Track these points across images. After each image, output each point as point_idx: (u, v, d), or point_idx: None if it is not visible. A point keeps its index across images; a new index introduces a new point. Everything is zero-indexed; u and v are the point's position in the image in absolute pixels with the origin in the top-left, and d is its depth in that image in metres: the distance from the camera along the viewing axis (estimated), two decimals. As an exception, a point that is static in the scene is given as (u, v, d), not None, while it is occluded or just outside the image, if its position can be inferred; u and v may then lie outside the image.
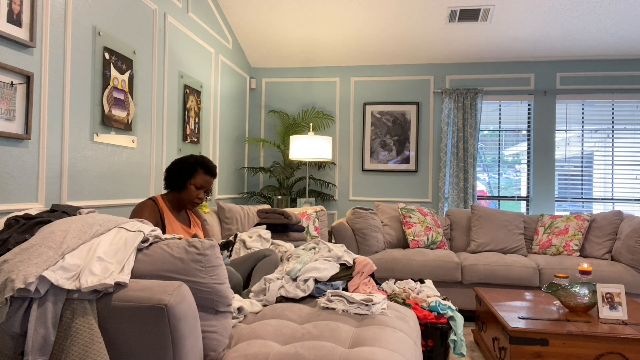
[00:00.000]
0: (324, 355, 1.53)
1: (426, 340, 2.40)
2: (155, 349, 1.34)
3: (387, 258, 3.94)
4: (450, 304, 2.51)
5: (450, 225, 4.55)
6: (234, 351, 1.59)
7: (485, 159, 5.37)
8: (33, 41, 2.36)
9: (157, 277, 1.47)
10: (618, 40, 4.78)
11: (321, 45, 5.18)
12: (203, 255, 1.49)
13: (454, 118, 5.18)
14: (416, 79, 5.41)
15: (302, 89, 5.62)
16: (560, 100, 5.17)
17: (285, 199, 4.85)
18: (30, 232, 1.54)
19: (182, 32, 3.92)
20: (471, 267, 3.83)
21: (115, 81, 3.03)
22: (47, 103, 2.49)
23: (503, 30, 4.72)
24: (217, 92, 4.68)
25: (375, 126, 5.44)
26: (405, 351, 1.67)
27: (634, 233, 3.77)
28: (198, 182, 2.49)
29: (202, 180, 2.50)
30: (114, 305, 1.36)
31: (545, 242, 4.18)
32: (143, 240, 1.54)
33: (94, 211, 1.82)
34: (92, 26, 2.82)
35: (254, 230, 2.99)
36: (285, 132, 5.36)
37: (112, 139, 3.02)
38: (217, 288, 1.51)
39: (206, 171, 2.51)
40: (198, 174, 2.49)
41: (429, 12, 4.53)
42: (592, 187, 5.17)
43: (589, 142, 5.18)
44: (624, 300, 2.64)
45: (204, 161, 2.53)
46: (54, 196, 2.55)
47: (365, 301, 2.08)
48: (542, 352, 2.45)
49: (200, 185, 2.50)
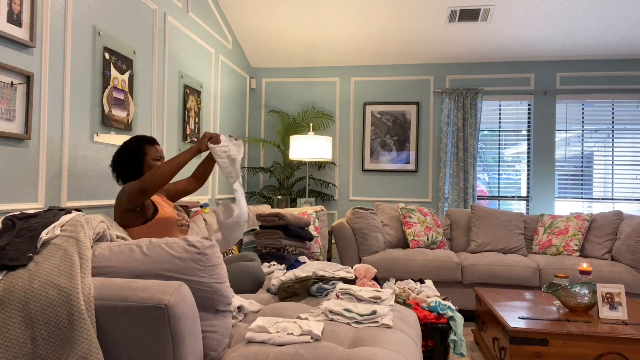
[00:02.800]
0: (323, 355, 1.53)
1: (426, 340, 2.40)
2: (155, 348, 1.34)
3: (387, 258, 3.94)
4: (450, 304, 2.51)
5: (450, 225, 4.55)
6: (234, 350, 1.59)
7: (485, 159, 5.37)
8: (33, 41, 2.36)
9: (157, 277, 1.47)
10: (618, 40, 4.78)
11: (321, 45, 5.18)
12: (203, 255, 1.49)
13: (454, 118, 5.18)
14: (416, 79, 5.41)
15: (302, 89, 5.62)
16: (560, 100, 5.17)
17: (285, 199, 4.85)
18: (31, 246, 1.51)
19: (182, 32, 3.92)
20: (471, 267, 3.83)
21: (115, 81, 3.03)
22: (47, 103, 2.49)
23: (503, 30, 4.72)
24: (217, 92, 4.68)
25: (375, 126, 5.44)
26: (406, 351, 1.67)
27: (634, 233, 3.77)
28: (153, 155, 2.48)
29: (154, 151, 2.49)
30: (113, 305, 1.36)
31: (545, 242, 4.18)
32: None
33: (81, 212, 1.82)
34: (92, 26, 2.82)
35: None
36: (285, 132, 5.36)
37: (112, 139, 3.02)
38: (217, 287, 1.51)
39: (151, 143, 2.50)
40: (148, 149, 2.47)
41: (429, 12, 4.53)
42: (592, 187, 5.17)
43: (589, 142, 5.18)
44: (624, 300, 2.64)
45: (142, 137, 2.51)
46: (54, 196, 2.55)
47: (373, 298, 2.07)
48: (542, 352, 2.45)
49: (157, 157, 2.49)
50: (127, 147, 2.49)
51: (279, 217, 3.32)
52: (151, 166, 2.47)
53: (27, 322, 1.36)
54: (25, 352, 1.34)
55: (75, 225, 1.57)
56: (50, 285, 1.39)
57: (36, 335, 1.35)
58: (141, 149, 2.47)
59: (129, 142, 2.50)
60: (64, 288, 1.38)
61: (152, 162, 2.47)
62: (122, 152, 2.48)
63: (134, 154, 2.46)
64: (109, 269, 1.50)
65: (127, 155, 2.47)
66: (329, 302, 2.02)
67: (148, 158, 2.47)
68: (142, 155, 2.46)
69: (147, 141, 2.50)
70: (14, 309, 1.37)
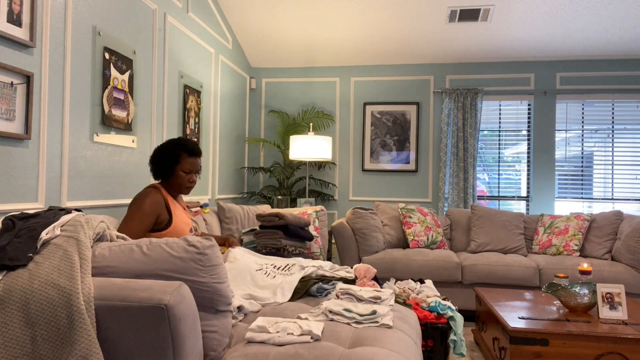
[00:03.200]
0: (323, 355, 1.53)
1: (426, 340, 2.40)
2: (155, 349, 1.34)
3: (387, 258, 3.94)
4: (450, 304, 2.51)
5: (450, 225, 4.55)
6: (234, 350, 1.59)
7: (485, 159, 5.37)
8: (33, 41, 2.36)
9: (157, 277, 1.47)
10: (618, 40, 4.78)
11: (321, 45, 5.18)
12: (203, 255, 1.49)
13: (454, 118, 5.18)
14: (416, 79, 5.41)
15: (302, 89, 5.62)
16: (560, 100, 5.17)
17: (285, 199, 4.85)
18: (31, 246, 1.51)
19: (182, 32, 3.92)
20: (471, 267, 3.83)
21: (115, 81, 3.03)
22: (47, 103, 2.49)
23: (503, 30, 4.72)
24: (217, 92, 4.68)
25: (375, 126, 5.44)
26: (406, 351, 1.67)
27: (634, 233, 3.77)
28: (185, 167, 2.43)
29: (188, 164, 2.44)
30: (113, 305, 1.36)
31: (545, 242, 4.18)
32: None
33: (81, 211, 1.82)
34: (92, 26, 2.82)
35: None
36: (285, 132, 5.36)
37: (112, 139, 3.02)
38: (217, 287, 1.51)
39: (190, 154, 2.45)
40: (182, 159, 2.43)
41: (429, 12, 4.53)
42: (592, 187, 5.17)
43: (589, 142, 5.18)
44: (624, 300, 2.64)
45: (184, 144, 2.45)
46: (54, 196, 2.55)
47: (373, 298, 2.07)
48: (542, 352, 2.45)
49: (188, 170, 2.44)
50: (166, 148, 2.45)
51: (279, 217, 3.32)
52: (179, 177, 2.42)
53: (27, 322, 1.36)
54: (25, 352, 1.34)
55: (76, 225, 1.57)
56: (50, 285, 1.39)
57: (36, 335, 1.35)
58: (177, 156, 2.42)
59: (170, 143, 2.46)
60: (64, 288, 1.38)
61: (181, 173, 2.43)
62: (160, 150, 2.45)
63: (167, 156, 2.43)
64: (109, 269, 1.50)
65: (162, 156, 2.44)
66: (329, 302, 2.02)
67: (179, 167, 2.42)
68: (175, 162, 2.42)
69: (186, 149, 2.44)
70: (14, 309, 1.37)
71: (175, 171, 2.43)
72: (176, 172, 2.43)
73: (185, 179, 2.45)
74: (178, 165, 2.43)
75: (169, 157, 2.43)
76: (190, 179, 2.47)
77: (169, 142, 2.48)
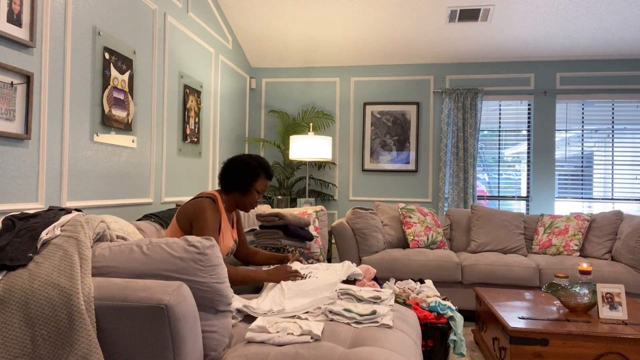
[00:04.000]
0: (323, 355, 1.53)
1: (426, 340, 2.40)
2: (155, 349, 1.34)
3: (387, 258, 3.94)
4: (450, 304, 2.51)
5: (450, 225, 4.55)
6: (234, 350, 1.59)
7: (485, 159, 5.37)
8: (33, 41, 2.36)
9: (157, 277, 1.47)
10: (618, 40, 4.78)
11: (321, 45, 5.18)
12: (203, 255, 1.49)
13: (454, 118, 5.18)
14: (416, 79, 5.41)
15: (302, 89, 5.62)
16: (560, 100, 5.17)
17: (285, 199, 4.85)
18: (31, 246, 1.51)
19: (182, 32, 3.92)
20: (471, 267, 3.83)
21: (115, 81, 3.03)
22: (47, 103, 2.49)
23: (503, 30, 4.72)
24: (217, 92, 4.68)
25: (375, 126, 5.44)
26: (405, 351, 1.67)
27: (634, 233, 3.77)
28: (260, 187, 2.42)
29: (263, 185, 2.43)
30: (113, 305, 1.36)
31: (545, 242, 4.18)
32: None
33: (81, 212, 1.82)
34: (92, 26, 2.82)
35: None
36: (285, 132, 5.36)
37: (112, 139, 3.02)
38: (217, 287, 1.51)
39: (267, 177, 2.45)
40: (261, 179, 2.42)
41: (429, 12, 4.53)
42: (592, 187, 5.17)
43: (589, 142, 5.18)
44: (624, 300, 2.64)
45: (266, 166, 2.44)
46: (54, 196, 2.55)
47: (373, 298, 2.07)
48: (542, 352, 2.45)
49: (261, 190, 2.44)
50: (248, 162, 2.42)
51: (279, 217, 3.32)
52: (252, 195, 2.41)
53: (27, 322, 1.36)
54: (25, 352, 1.34)
55: (76, 225, 1.57)
56: (50, 285, 1.39)
57: (36, 335, 1.35)
58: (257, 174, 2.40)
59: (252, 158, 2.44)
60: (64, 288, 1.38)
61: (255, 193, 2.42)
62: (241, 164, 2.42)
63: (248, 172, 2.40)
64: (109, 269, 1.50)
65: (243, 170, 2.40)
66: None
67: (254, 186, 2.41)
68: (253, 179, 2.40)
69: (266, 172, 2.44)
70: (14, 309, 1.37)
71: (251, 188, 2.41)
72: (251, 189, 2.41)
73: (255, 198, 2.44)
74: (255, 183, 2.41)
75: (249, 172, 2.40)
76: (259, 199, 2.47)
77: (249, 157, 2.45)
